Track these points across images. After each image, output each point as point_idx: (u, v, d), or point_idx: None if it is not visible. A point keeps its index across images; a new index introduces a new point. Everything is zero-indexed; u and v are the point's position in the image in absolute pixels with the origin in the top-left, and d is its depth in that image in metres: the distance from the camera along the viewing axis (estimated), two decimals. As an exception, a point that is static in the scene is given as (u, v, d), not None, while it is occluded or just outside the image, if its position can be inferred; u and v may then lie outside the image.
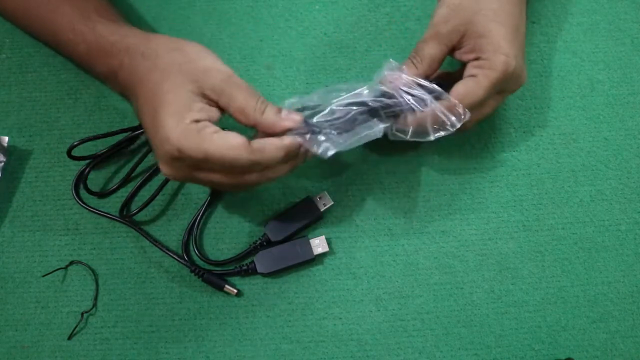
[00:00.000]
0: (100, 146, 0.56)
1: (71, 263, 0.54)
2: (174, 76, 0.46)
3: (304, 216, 0.54)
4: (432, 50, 0.49)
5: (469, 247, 0.54)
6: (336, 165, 0.56)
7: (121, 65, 0.49)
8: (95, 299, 0.53)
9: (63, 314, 0.53)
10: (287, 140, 0.46)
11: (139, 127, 0.56)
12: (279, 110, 0.46)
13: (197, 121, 0.45)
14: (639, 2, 0.61)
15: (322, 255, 0.54)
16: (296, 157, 0.47)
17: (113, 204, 0.55)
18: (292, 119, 0.46)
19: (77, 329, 0.52)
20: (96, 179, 0.56)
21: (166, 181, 0.54)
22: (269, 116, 0.46)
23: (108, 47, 0.50)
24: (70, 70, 0.59)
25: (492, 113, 0.52)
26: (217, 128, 0.45)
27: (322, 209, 0.54)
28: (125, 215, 0.54)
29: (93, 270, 0.54)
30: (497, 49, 0.48)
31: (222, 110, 0.47)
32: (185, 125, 0.44)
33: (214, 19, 0.61)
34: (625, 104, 0.58)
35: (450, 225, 0.55)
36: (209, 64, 0.46)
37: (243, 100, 0.46)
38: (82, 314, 0.52)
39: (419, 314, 0.52)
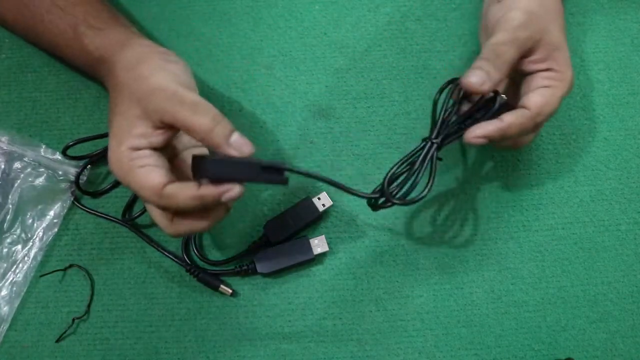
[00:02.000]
0: (100, 145, 0.56)
1: (70, 266, 0.54)
2: (123, 99, 0.45)
3: (303, 217, 0.54)
4: (512, 55, 0.47)
5: (469, 247, 0.54)
6: (336, 165, 0.56)
7: (105, 76, 0.50)
8: (89, 306, 0.53)
9: (63, 314, 0.53)
10: (204, 191, 0.42)
11: None
12: (232, 131, 0.43)
13: (134, 149, 0.44)
14: (639, 2, 0.61)
15: (322, 255, 0.54)
16: (217, 210, 0.45)
17: (113, 204, 0.55)
18: (240, 148, 0.43)
19: (77, 328, 0.52)
20: (93, 179, 0.56)
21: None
22: (217, 137, 0.42)
23: (94, 64, 0.51)
24: (70, 70, 0.59)
25: (538, 131, 0.52)
26: (150, 162, 0.44)
27: (322, 209, 0.54)
28: (128, 219, 0.54)
29: (90, 275, 0.54)
30: (568, 63, 0.49)
31: (173, 130, 0.45)
32: (120, 151, 0.44)
33: (214, 19, 0.61)
34: (625, 104, 0.58)
35: (450, 226, 0.55)
36: (156, 84, 0.44)
37: (187, 117, 0.42)
38: (73, 319, 0.52)
39: (419, 314, 0.52)
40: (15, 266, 0.53)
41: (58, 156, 0.56)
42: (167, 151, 0.47)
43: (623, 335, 0.52)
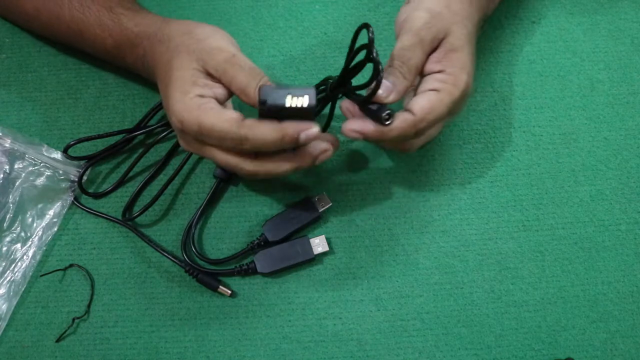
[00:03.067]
0: (100, 146, 0.56)
1: (70, 266, 0.54)
2: (182, 56, 0.47)
3: (302, 217, 0.54)
4: (418, 59, 0.46)
5: (469, 247, 0.54)
6: (336, 165, 0.56)
7: (145, 53, 0.51)
8: (89, 306, 0.53)
9: (63, 313, 0.53)
10: (286, 124, 0.44)
11: (134, 128, 0.56)
12: None
13: (201, 96, 0.46)
14: (639, 2, 0.61)
15: (322, 255, 0.54)
16: (299, 157, 0.47)
17: (112, 204, 0.55)
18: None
19: (77, 328, 0.52)
20: (93, 179, 0.56)
21: (167, 183, 0.54)
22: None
23: (133, 38, 0.52)
24: (70, 70, 0.59)
25: (437, 136, 0.51)
26: (218, 105, 0.46)
27: (321, 209, 0.54)
28: (128, 218, 0.54)
29: (90, 275, 0.54)
30: (464, 67, 0.47)
31: (228, 92, 0.47)
32: (188, 99, 0.45)
33: (214, 19, 0.61)
34: (625, 104, 0.58)
35: (450, 225, 0.55)
36: (214, 44, 0.47)
37: (243, 80, 0.45)
38: (73, 319, 0.52)
39: (419, 314, 0.52)
40: (14, 265, 0.53)
41: (59, 156, 0.56)
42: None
43: (623, 335, 0.52)
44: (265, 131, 0.44)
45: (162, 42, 0.49)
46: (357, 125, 0.46)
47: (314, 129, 0.44)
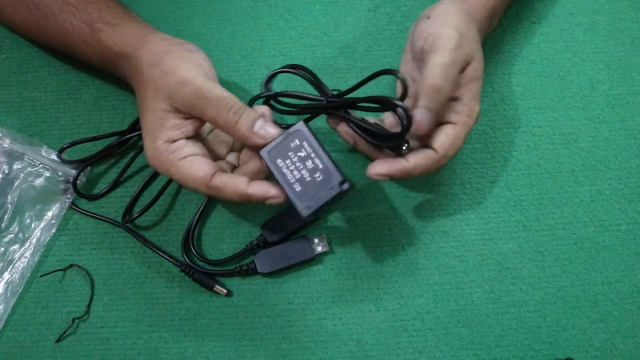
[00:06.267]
0: (100, 146, 0.56)
1: (70, 266, 0.54)
2: (150, 95, 0.47)
3: (301, 217, 0.53)
4: (453, 84, 0.45)
5: (469, 247, 0.54)
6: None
7: (125, 75, 0.51)
8: (89, 306, 0.53)
9: (63, 314, 0.53)
10: (252, 190, 0.45)
11: (128, 130, 0.56)
12: (255, 119, 0.45)
13: (170, 141, 0.46)
14: (639, 2, 0.61)
15: (322, 255, 0.54)
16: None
17: (112, 204, 0.55)
18: (264, 135, 0.45)
19: (77, 328, 0.52)
20: (92, 180, 0.56)
21: (167, 184, 0.54)
22: (241, 129, 0.45)
23: (114, 58, 0.51)
24: (70, 70, 0.59)
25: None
26: (189, 151, 0.46)
27: (321, 210, 0.54)
28: (128, 220, 0.54)
29: (90, 276, 0.54)
30: (477, 97, 0.47)
31: (201, 120, 0.47)
32: (156, 146, 0.46)
33: (214, 19, 0.61)
34: (625, 104, 0.58)
35: (450, 225, 0.55)
36: (179, 77, 0.45)
37: (213, 113, 0.45)
38: (73, 319, 0.52)
39: (419, 314, 0.52)
40: (11, 266, 0.53)
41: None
42: (197, 137, 0.48)
43: (623, 335, 0.52)
44: (231, 195, 0.45)
45: (136, 70, 0.49)
46: (384, 168, 0.46)
47: (279, 198, 0.45)
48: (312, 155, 0.45)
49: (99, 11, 0.52)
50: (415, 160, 0.46)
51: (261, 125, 0.45)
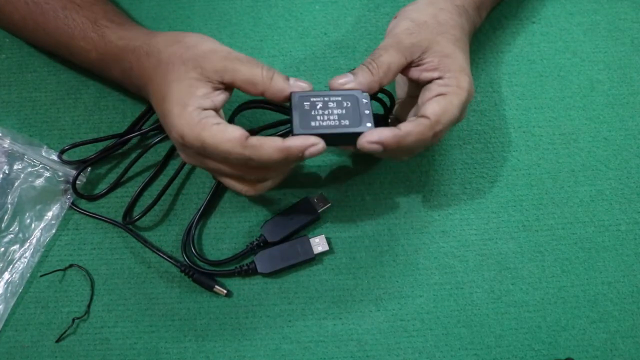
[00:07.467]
0: (100, 147, 0.56)
1: (70, 266, 0.54)
2: (177, 66, 0.46)
3: (301, 217, 0.54)
4: (390, 58, 0.47)
5: (469, 247, 0.54)
6: (335, 165, 0.56)
7: (131, 67, 0.50)
8: (89, 306, 0.53)
9: (63, 314, 0.53)
10: (290, 142, 0.44)
11: (126, 132, 0.56)
12: (287, 78, 0.47)
13: (200, 109, 0.45)
14: (639, 2, 0.61)
15: (322, 255, 0.54)
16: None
17: (112, 205, 0.55)
18: (300, 85, 0.47)
19: (77, 328, 0.52)
20: (93, 181, 0.56)
21: (167, 185, 0.54)
22: (278, 82, 0.46)
23: (117, 52, 0.51)
24: (70, 70, 0.59)
25: (437, 142, 0.50)
26: (220, 120, 0.45)
27: (320, 209, 0.54)
28: (128, 222, 0.54)
29: (90, 276, 0.54)
30: (462, 70, 0.47)
31: (229, 91, 0.47)
32: (187, 113, 0.45)
33: (214, 19, 0.61)
34: (625, 104, 0.58)
35: (450, 225, 0.55)
36: (208, 48, 0.47)
37: (248, 71, 0.46)
38: (73, 319, 0.52)
39: (419, 314, 0.52)
40: (11, 266, 0.53)
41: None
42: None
43: (623, 335, 0.52)
44: (269, 152, 0.44)
45: (150, 55, 0.49)
46: (375, 135, 0.45)
47: (319, 145, 0.44)
48: (344, 102, 0.47)
49: (104, 12, 0.53)
50: (407, 127, 0.45)
51: (294, 79, 0.47)
